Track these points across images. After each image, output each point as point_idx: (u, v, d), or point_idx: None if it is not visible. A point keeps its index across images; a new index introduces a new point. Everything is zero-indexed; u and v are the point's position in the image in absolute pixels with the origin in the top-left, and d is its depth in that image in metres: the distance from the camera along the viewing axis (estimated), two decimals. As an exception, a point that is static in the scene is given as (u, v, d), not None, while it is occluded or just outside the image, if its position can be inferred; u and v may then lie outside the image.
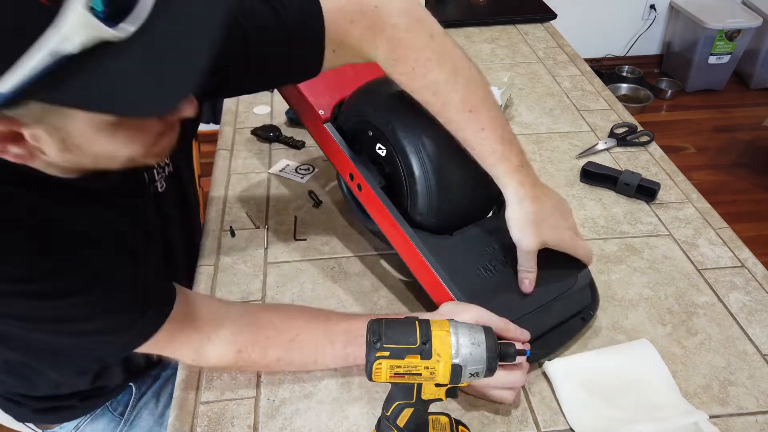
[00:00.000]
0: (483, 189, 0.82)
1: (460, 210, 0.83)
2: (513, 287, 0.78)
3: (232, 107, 1.31)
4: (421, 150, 0.79)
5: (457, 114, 0.75)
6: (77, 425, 0.93)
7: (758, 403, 0.73)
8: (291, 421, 0.71)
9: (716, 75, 3.19)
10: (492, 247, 0.81)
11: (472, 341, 0.56)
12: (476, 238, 0.83)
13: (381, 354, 0.55)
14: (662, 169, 1.12)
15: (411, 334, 0.55)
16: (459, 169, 0.81)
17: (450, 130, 0.76)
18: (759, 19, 3.00)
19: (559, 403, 0.73)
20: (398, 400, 0.59)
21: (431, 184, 0.79)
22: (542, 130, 1.24)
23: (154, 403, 0.96)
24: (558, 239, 0.76)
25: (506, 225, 0.76)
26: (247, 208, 1.03)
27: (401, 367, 0.55)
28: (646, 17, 3.26)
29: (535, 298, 0.78)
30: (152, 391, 0.97)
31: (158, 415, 0.96)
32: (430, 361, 0.55)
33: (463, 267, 0.79)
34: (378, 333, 0.56)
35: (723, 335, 0.82)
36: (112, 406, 0.95)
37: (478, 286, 0.77)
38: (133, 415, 0.95)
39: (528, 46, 1.58)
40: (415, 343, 0.55)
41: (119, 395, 0.95)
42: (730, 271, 0.91)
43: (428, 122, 0.78)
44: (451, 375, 0.55)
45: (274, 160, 1.15)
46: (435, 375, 0.55)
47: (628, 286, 0.89)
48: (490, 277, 0.78)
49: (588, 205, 1.04)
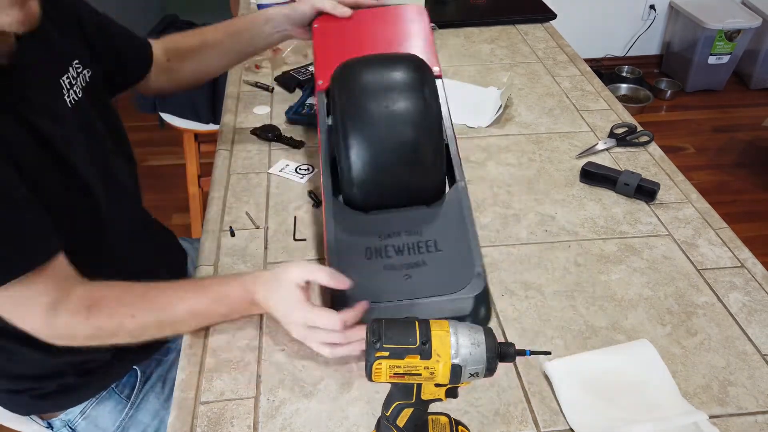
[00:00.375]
0: (410, 180, 0.88)
1: (377, 192, 0.88)
2: (391, 276, 0.81)
3: (232, 107, 1.31)
4: (354, 129, 0.86)
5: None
6: (83, 409, 0.93)
7: (758, 403, 0.73)
8: (291, 421, 0.71)
9: (716, 75, 3.19)
10: (396, 234, 0.85)
11: (472, 341, 0.56)
12: (386, 222, 0.87)
13: (381, 354, 0.55)
14: (662, 170, 1.12)
15: (411, 334, 0.55)
16: (386, 155, 0.86)
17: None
18: (759, 19, 3.00)
19: (559, 403, 0.73)
20: (398, 400, 0.59)
21: (350, 161, 0.86)
22: (542, 130, 1.24)
23: (161, 386, 0.97)
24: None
25: (429, 219, 0.84)
26: (247, 208, 1.03)
27: (401, 368, 0.55)
28: (646, 17, 3.26)
29: (405, 290, 0.79)
30: (157, 375, 0.98)
31: (164, 399, 0.97)
32: (429, 361, 0.55)
33: (353, 241, 0.84)
34: (378, 333, 0.56)
35: (723, 335, 0.82)
36: (118, 389, 0.95)
37: (355, 261, 0.82)
38: (140, 399, 0.96)
39: (528, 46, 1.58)
40: (414, 343, 0.55)
41: (124, 378, 0.96)
42: (730, 271, 0.91)
43: (378, 115, 0.85)
44: (450, 375, 0.55)
45: (274, 160, 1.15)
46: (435, 375, 0.56)
47: (627, 287, 0.89)
48: (374, 258, 0.82)
49: (587, 205, 1.04)
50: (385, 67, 0.90)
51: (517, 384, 0.75)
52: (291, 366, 0.78)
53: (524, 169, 1.13)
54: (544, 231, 0.99)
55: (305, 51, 1.51)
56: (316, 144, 1.19)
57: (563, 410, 0.72)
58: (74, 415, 0.93)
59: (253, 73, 1.46)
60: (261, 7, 1.57)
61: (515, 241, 0.97)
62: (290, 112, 1.26)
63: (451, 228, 0.85)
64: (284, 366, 0.78)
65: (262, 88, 1.38)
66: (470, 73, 1.45)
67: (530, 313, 0.85)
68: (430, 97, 0.89)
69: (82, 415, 0.93)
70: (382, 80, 0.88)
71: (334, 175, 0.92)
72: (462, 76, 1.44)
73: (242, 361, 0.78)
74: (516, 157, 1.16)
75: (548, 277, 0.90)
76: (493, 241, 0.97)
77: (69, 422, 0.94)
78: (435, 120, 0.89)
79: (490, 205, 1.04)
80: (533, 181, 1.10)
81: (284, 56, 1.48)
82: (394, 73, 0.89)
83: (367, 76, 0.89)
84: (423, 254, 0.83)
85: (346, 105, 0.88)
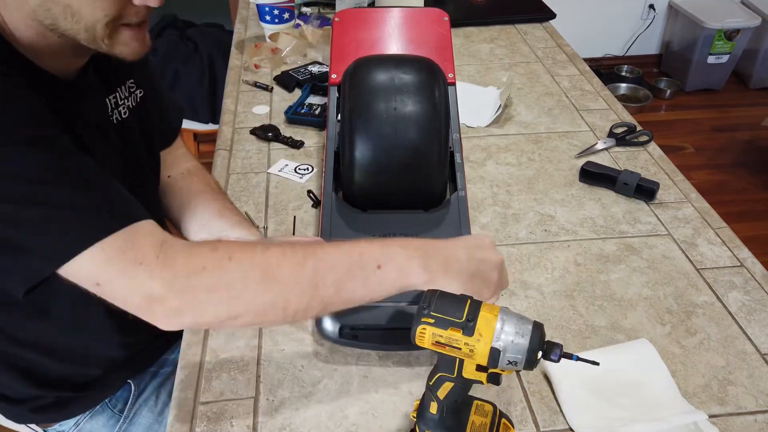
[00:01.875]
0: (411, 183, 0.88)
1: (377, 192, 0.89)
2: None
3: (231, 107, 1.31)
4: (360, 127, 0.86)
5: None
6: (77, 422, 0.93)
7: (757, 402, 0.73)
8: (291, 421, 0.71)
9: (715, 75, 3.19)
10: (392, 235, 0.85)
11: (517, 330, 0.57)
12: (383, 222, 0.87)
13: (426, 320, 0.58)
14: (661, 169, 1.12)
15: (460, 309, 0.58)
16: (390, 156, 0.86)
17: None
18: (758, 19, 3.00)
19: (559, 403, 0.73)
20: (441, 372, 0.61)
21: (353, 158, 0.86)
22: (541, 130, 1.24)
23: (154, 400, 0.97)
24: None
25: (426, 225, 0.85)
26: (247, 208, 1.03)
27: (443, 337, 0.57)
28: (645, 17, 3.27)
29: (394, 294, 0.77)
30: (151, 389, 0.97)
31: (157, 413, 0.96)
32: (471, 338, 0.57)
33: (347, 238, 0.84)
34: (429, 300, 0.59)
35: (722, 335, 0.82)
36: (111, 403, 0.95)
37: None
38: (133, 412, 0.95)
39: (527, 46, 1.58)
40: (460, 318, 0.57)
41: (118, 392, 0.95)
42: (729, 270, 0.91)
43: (386, 115, 0.85)
44: (489, 357, 0.57)
45: (273, 160, 1.15)
46: (474, 353, 0.57)
47: (627, 286, 0.89)
48: None
49: (587, 205, 1.04)
50: (397, 69, 0.90)
51: (517, 383, 0.76)
52: (291, 366, 0.78)
53: (524, 168, 1.13)
54: (543, 231, 0.99)
55: (304, 51, 1.51)
56: (315, 144, 1.19)
57: (563, 410, 0.72)
58: (68, 427, 0.94)
59: (252, 72, 1.46)
60: (260, 6, 1.57)
61: (515, 240, 0.97)
62: (289, 111, 1.26)
63: (446, 236, 0.84)
64: (284, 366, 0.78)
65: (261, 88, 1.38)
66: (470, 73, 1.45)
67: (530, 313, 0.84)
68: (439, 103, 0.88)
69: (77, 427, 0.94)
70: (393, 81, 0.88)
71: (336, 171, 0.92)
72: (461, 75, 1.44)
73: (242, 361, 0.78)
74: (515, 156, 1.16)
75: (548, 277, 0.90)
76: (493, 240, 0.96)
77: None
78: (442, 126, 0.88)
79: (490, 205, 1.04)
80: (533, 181, 1.10)
81: (283, 56, 1.48)
82: (407, 75, 0.89)
83: (378, 76, 0.89)
84: None
85: (355, 102, 0.88)
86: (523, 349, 0.56)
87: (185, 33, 2.22)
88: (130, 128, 0.84)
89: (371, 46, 1.01)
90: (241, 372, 0.77)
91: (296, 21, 1.62)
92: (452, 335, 0.57)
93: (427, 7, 1.12)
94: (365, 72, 0.91)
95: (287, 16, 1.59)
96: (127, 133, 0.84)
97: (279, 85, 1.39)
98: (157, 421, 0.95)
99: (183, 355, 0.79)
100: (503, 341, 0.56)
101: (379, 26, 1.07)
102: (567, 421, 0.71)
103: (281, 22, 1.60)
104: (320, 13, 1.75)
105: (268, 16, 1.58)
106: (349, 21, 1.08)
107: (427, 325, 0.58)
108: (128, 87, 0.85)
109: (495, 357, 0.57)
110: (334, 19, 1.08)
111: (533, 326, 0.58)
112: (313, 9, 1.76)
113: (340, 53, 1.03)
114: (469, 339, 0.57)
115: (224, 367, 0.77)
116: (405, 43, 1.05)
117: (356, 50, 1.00)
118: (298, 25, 1.59)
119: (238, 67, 1.47)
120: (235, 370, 0.77)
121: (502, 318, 0.57)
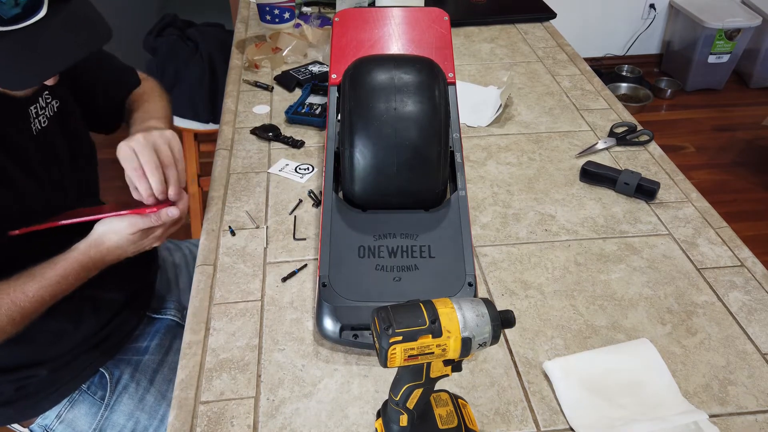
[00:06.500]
0: (411, 183, 0.88)
1: (376, 191, 0.89)
2: (381, 276, 0.81)
3: (232, 107, 1.31)
4: (360, 127, 0.86)
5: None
6: (59, 413, 0.94)
7: (758, 402, 0.73)
8: (291, 420, 0.71)
9: (716, 74, 3.19)
10: (391, 235, 0.85)
11: (476, 313, 0.57)
12: (382, 222, 0.88)
13: (395, 339, 0.56)
14: (662, 169, 1.12)
15: (419, 315, 0.57)
16: (390, 156, 0.86)
17: None
18: (758, 19, 3.00)
19: (559, 403, 0.73)
20: (407, 383, 0.60)
21: (353, 158, 0.87)
22: (542, 130, 1.24)
23: (134, 387, 0.98)
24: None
25: (425, 225, 0.86)
26: (247, 207, 1.03)
27: (414, 349, 0.56)
28: (646, 16, 3.26)
29: (394, 293, 0.79)
30: (128, 375, 0.99)
31: (138, 399, 0.97)
32: (441, 339, 0.56)
33: (347, 237, 0.85)
34: (387, 320, 0.57)
35: (723, 334, 0.82)
36: (91, 390, 0.96)
37: (347, 257, 0.83)
38: (113, 400, 0.97)
39: (528, 46, 1.58)
40: (425, 324, 0.56)
41: (94, 378, 0.97)
42: (730, 270, 0.91)
43: (386, 115, 0.86)
44: (461, 348, 0.57)
45: (274, 160, 1.15)
46: (447, 351, 0.57)
47: (627, 286, 0.89)
48: (367, 257, 0.83)
49: (587, 205, 1.04)
50: (397, 68, 0.90)
51: (517, 383, 0.76)
52: (291, 366, 0.78)
53: (524, 168, 1.13)
54: (543, 230, 0.99)
55: (305, 50, 1.51)
56: (315, 144, 1.19)
57: (563, 409, 0.72)
58: (51, 420, 0.95)
59: (252, 72, 1.46)
60: (261, 6, 1.57)
61: (515, 240, 0.97)
62: (290, 111, 1.25)
63: (446, 236, 0.85)
64: (284, 366, 0.78)
65: (261, 88, 1.38)
66: (470, 72, 1.45)
67: (530, 313, 0.84)
68: (439, 103, 0.88)
69: (59, 419, 0.95)
70: (393, 81, 0.88)
71: (336, 171, 0.93)
72: (462, 75, 1.44)
73: (242, 361, 0.78)
74: (516, 156, 1.16)
75: (548, 277, 0.90)
76: (493, 240, 0.97)
77: (47, 427, 0.95)
78: (442, 126, 0.88)
79: (490, 205, 1.04)
80: (533, 181, 1.10)
81: (284, 55, 1.48)
82: (407, 75, 0.89)
83: (378, 76, 0.89)
84: (416, 258, 0.83)
85: (354, 102, 0.88)
86: (488, 329, 0.57)
87: (185, 33, 2.22)
88: (51, 135, 0.92)
89: (371, 46, 1.01)
90: (241, 372, 0.77)
91: (297, 21, 1.62)
92: (423, 343, 0.56)
93: (428, 7, 1.12)
94: (365, 72, 0.91)
95: (288, 16, 1.59)
96: (48, 141, 0.91)
97: (279, 85, 1.39)
98: (138, 408, 0.97)
99: (183, 355, 0.79)
100: (470, 329, 0.56)
101: (379, 26, 1.07)
102: (567, 420, 0.71)
103: (282, 21, 1.60)
104: (320, 12, 1.75)
105: (269, 15, 1.59)
106: (349, 21, 1.08)
107: (396, 344, 0.56)
108: (45, 98, 0.91)
109: (467, 346, 0.57)
110: (335, 18, 1.08)
111: (485, 304, 0.58)
112: (313, 9, 1.76)
113: (340, 53, 1.03)
114: (439, 340, 0.56)
115: (224, 367, 0.77)
116: (405, 43, 1.05)
117: (356, 50, 1.00)
118: (299, 24, 1.59)
119: (238, 67, 1.47)
120: (236, 369, 0.77)
121: (458, 307, 0.57)
